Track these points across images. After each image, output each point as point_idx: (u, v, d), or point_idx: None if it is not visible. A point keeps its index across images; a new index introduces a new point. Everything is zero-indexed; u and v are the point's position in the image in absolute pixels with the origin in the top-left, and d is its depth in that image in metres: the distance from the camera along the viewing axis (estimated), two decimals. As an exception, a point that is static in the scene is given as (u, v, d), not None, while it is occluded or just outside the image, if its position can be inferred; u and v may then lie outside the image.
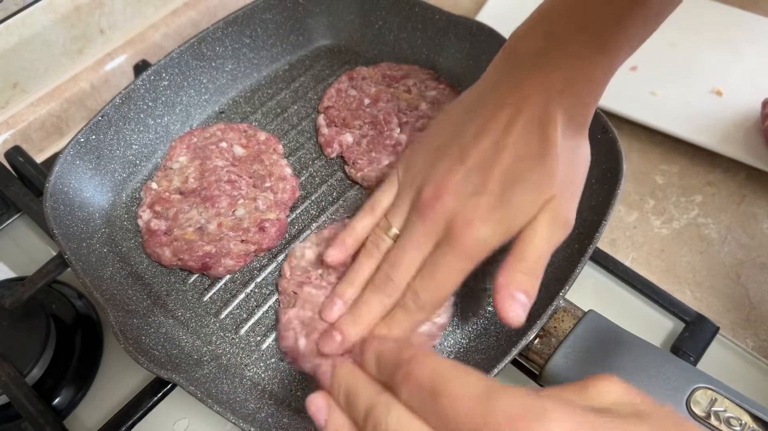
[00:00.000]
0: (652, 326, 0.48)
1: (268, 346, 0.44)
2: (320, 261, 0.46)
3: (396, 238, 0.41)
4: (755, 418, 0.38)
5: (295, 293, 0.44)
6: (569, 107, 0.38)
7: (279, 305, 0.45)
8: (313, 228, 0.50)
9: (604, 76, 0.39)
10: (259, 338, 0.45)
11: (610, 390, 0.26)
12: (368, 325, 0.40)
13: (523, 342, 0.39)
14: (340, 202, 0.51)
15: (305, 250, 0.46)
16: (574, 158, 0.39)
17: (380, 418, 0.27)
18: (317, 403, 0.30)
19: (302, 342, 0.42)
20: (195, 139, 0.53)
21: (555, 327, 0.43)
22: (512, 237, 0.38)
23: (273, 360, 0.44)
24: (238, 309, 0.46)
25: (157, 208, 0.49)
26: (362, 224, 0.44)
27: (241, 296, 0.46)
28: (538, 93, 0.38)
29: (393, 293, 0.40)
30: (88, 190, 0.49)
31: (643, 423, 0.24)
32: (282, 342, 0.43)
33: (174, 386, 0.44)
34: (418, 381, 0.26)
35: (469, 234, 0.38)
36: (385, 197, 0.44)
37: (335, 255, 0.43)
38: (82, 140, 0.48)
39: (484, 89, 0.42)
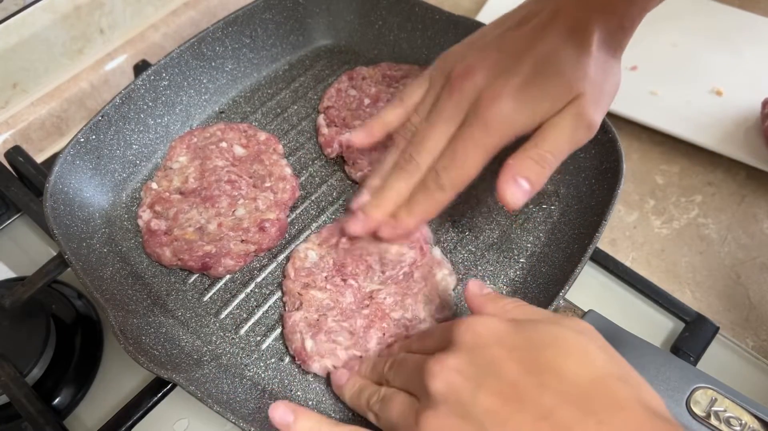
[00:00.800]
0: (652, 326, 0.48)
1: (268, 346, 0.44)
2: (324, 263, 0.46)
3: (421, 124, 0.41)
4: (755, 418, 0.38)
5: (300, 294, 0.44)
6: (606, 24, 0.38)
7: (284, 307, 0.45)
8: (313, 228, 0.50)
9: (642, 3, 0.39)
10: (259, 338, 0.45)
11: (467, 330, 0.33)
12: (391, 206, 0.41)
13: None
14: (340, 202, 0.51)
15: (308, 251, 0.46)
16: (606, 70, 0.39)
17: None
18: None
19: (309, 344, 0.42)
20: (195, 139, 0.53)
21: (555, 327, 0.43)
22: (536, 124, 0.38)
23: (273, 360, 0.44)
24: (238, 309, 0.46)
25: (157, 208, 0.49)
26: (392, 114, 0.44)
27: (241, 296, 0.46)
28: (578, 7, 0.39)
29: (415, 172, 0.40)
30: (88, 189, 0.49)
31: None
32: (289, 344, 0.43)
33: (174, 386, 0.44)
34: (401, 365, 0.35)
35: (494, 107, 0.38)
36: (416, 89, 0.43)
37: (361, 137, 0.44)
38: (82, 140, 0.48)
39: (524, 5, 0.42)
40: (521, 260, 0.47)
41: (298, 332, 0.43)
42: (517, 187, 0.37)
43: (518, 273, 0.47)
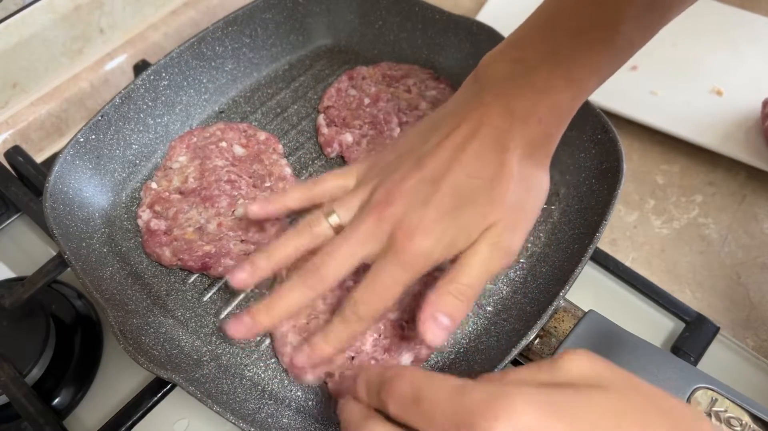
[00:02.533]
0: (652, 326, 0.48)
1: (268, 346, 0.44)
2: None
3: (335, 229, 0.40)
4: (755, 418, 0.38)
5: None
6: (530, 135, 0.38)
7: None
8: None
9: (569, 106, 0.39)
10: (259, 338, 0.45)
11: (576, 363, 0.28)
12: (281, 316, 0.39)
13: (524, 343, 0.39)
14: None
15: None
16: (528, 187, 0.39)
17: None
18: None
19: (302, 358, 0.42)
20: (195, 139, 0.53)
21: (555, 327, 0.43)
22: (452, 256, 0.38)
23: (273, 360, 0.43)
24: (238, 309, 0.46)
25: (157, 208, 0.49)
26: (294, 197, 0.43)
27: (241, 296, 0.46)
28: (501, 116, 0.38)
29: (317, 287, 0.39)
30: (88, 189, 0.49)
31: (602, 392, 0.26)
32: (280, 358, 0.43)
33: (174, 386, 0.44)
34: (400, 394, 0.29)
35: (410, 245, 0.37)
36: (332, 180, 0.43)
37: (255, 210, 0.43)
38: (82, 140, 0.48)
39: (452, 106, 0.42)
40: (521, 260, 0.47)
41: (288, 344, 0.42)
42: (438, 325, 0.37)
43: (518, 273, 0.47)
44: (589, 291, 0.49)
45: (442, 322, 0.37)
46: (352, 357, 0.42)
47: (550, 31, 0.39)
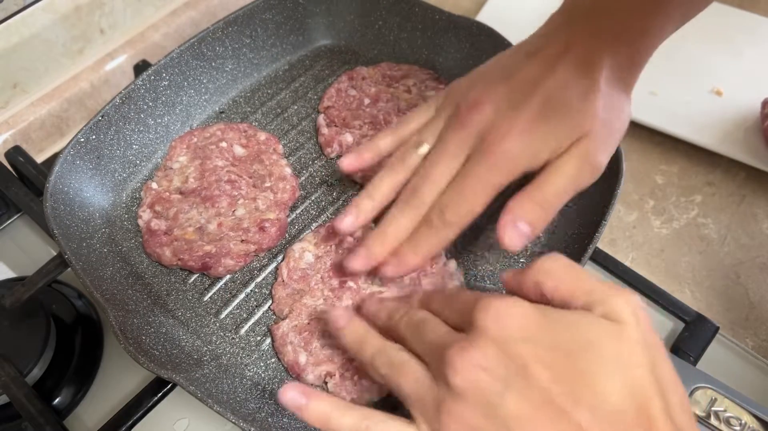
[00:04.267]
0: (652, 326, 0.48)
1: (268, 346, 0.44)
2: (320, 264, 0.46)
3: (426, 156, 0.40)
4: (755, 418, 0.38)
5: (289, 302, 0.44)
6: (617, 58, 0.38)
7: (272, 314, 0.45)
8: (313, 228, 0.50)
9: (655, 36, 0.39)
10: (259, 338, 0.45)
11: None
12: (394, 242, 0.40)
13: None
14: (340, 202, 0.51)
15: (304, 252, 0.46)
16: (616, 107, 0.39)
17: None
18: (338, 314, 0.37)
19: (303, 358, 0.42)
20: (195, 139, 0.53)
21: (555, 327, 0.43)
22: (542, 162, 0.38)
23: (273, 360, 0.44)
24: (238, 309, 0.46)
25: (157, 208, 0.49)
26: (386, 140, 0.43)
27: (241, 296, 0.46)
28: (589, 38, 0.38)
29: (420, 207, 0.39)
30: (88, 189, 0.49)
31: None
32: (281, 357, 0.43)
33: (174, 386, 0.44)
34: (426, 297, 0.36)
35: (500, 146, 0.37)
36: (416, 118, 0.43)
37: (350, 161, 0.43)
38: (82, 140, 0.48)
39: (537, 36, 0.41)
40: (521, 260, 0.47)
41: (288, 344, 0.42)
42: (517, 231, 0.37)
43: (518, 273, 0.47)
44: (589, 291, 0.49)
45: (521, 229, 0.37)
46: (353, 359, 0.42)
47: None
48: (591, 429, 0.26)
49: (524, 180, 0.38)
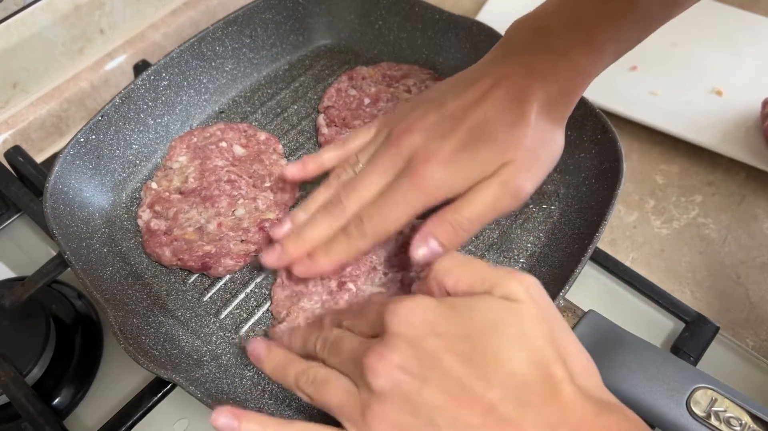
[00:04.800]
0: (652, 326, 0.48)
1: (268, 346, 0.44)
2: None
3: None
4: (755, 418, 0.38)
5: (287, 305, 0.44)
6: (549, 92, 0.40)
7: (271, 315, 0.45)
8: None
9: (587, 71, 0.41)
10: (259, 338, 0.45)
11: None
12: (309, 245, 0.42)
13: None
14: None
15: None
16: (545, 139, 0.41)
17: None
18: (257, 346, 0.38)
19: None
20: (195, 139, 0.53)
21: (555, 327, 0.43)
22: (464, 188, 0.40)
23: (273, 360, 0.44)
24: (238, 309, 0.46)
25: (157, 208, 0.49)
26: (329, 155, 0.46)
27: (241, 296, 0.46)
28: (522, 73, 0.40)
29: (340, 216, 0.42)
30: (88, 189, 0.49)
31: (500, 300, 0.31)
32: None
33: (174, 386, 0.44)
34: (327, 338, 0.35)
35: (425, 169, 0.39)
36: (360, 137, 0.45)
37: (293, 171, 0.46)
38: (82, 140, 0.48)
39: (475, 67, 0.44)
40: (521, 260, 0.47)
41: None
42: (427, 247, 0.39)
43: (518, 273, 0.47)
44: (589, 291, 0.49)
45: (433, 246, 0.39)
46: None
47: (573, 0, 0.41)
48: (504, 404, 0.28)
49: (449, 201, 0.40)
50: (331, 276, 0.44)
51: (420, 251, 0.39)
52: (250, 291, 0.47)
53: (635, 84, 0.63)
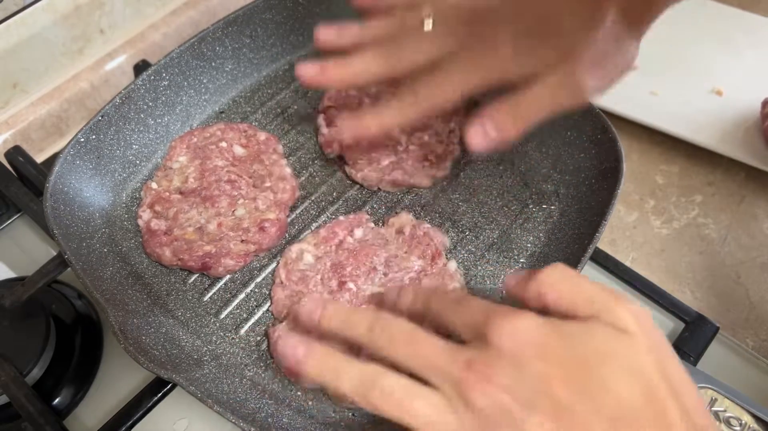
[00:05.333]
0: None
1: (267, 346, 0.44)
2: (321, 265, 0.46)
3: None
4: (755, 418, 0.38)
5: (287, 305, 0.44)
6: (626, 3, 0.38)
7: (271, 315, 0.45)
8: (313, 228, 0.50)
9: None
10: (259, 338, 0.45)
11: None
12: (350, 73, 0.42)
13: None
14: (340, 202, 0.51)
15: (304, 252, 0.46)
16: (617, 46, 0.39)
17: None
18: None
19: None
20: (195, 139, 0.53)
21: (555, 327, 0.43)
22: (525, 75, 0.38)
23: (273, 360, 0.43)
24: (238, 309, 0.46)
25: (157, 208, 0.49)
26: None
27: (241, 296, 0.46)
28: None
29: (394, 64, 0.40)
30: (88, 189, 0.49)
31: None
32: (278, 362, 0.43)
33: (174, 386, 0.44)
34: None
35: (488, 45, 0.38)
36: None
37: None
38: (82, 140, 0.48)
39: None
40: (521, 260, 0.47)
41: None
42: (483, 134, 0.38)
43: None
44: (589, 291, 0.49)
45: (489, 132, 0.38)
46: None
47: None
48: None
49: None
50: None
51: (475, 137, 0.38)
52: (250, 291, 0.47)
53: (635, 84, 0.62)
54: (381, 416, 0.29)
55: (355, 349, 0.35)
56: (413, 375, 0.30)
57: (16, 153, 0.56)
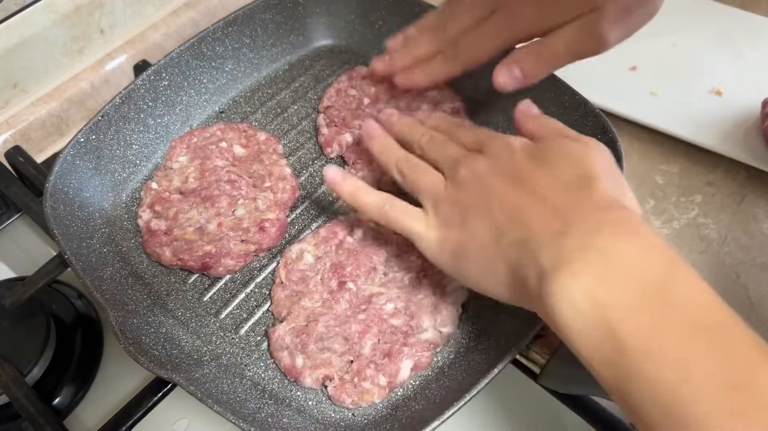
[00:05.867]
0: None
1: (268, 346, 0.44)
2: (321, 265, 0.46)
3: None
4: (755, 418, 0.38)
5: (288, 304, 0.44)
6: None
7: (271, 315, 0.45)
8: (313, 228, 0.50)
9: None
10: (259, 338, 0.45)
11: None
12: (411, 58, 0.50)
13: (523, 342, 0.39)
14: (340, 202, 0.51)
15: (304, 252, 0.46)
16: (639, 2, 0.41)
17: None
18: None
19: (299, 361, 0.42)
20: (195, 139, 0.53)
21: (555, 327, 0.43)
22: (552, 27, 0.43)
23: (273, 360, 0.44)
24: (238, 309, 0.46)
25: (157, 208, 0.49)
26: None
27: (241, 296, 0.46)
28: None
29: (442, 39, 0.48)
30: (88, 189, 0.49)
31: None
32: (277, 363, 0.43)
33: (174, 386, 0.44)
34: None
35: (518, 7, 0.44)
36: None
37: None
38: (82, 140, 0.48)
39: None
40: (521, 260, 0.47)
41: (285, 349, 0.42)
42: (511, 74, 0.44)
43: (518, 273, 0.47)
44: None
45: (515, 73, 0.44)
46: (351, 361, 0.42)
47: None
48: (546, 190, 0.35)
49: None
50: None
51: (502, 77, 0.44)
52: (250, 291, 0.47)
53: (635, 84, 0.63)
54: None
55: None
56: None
57: (16, 153, 0.56)
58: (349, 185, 0.43)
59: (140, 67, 0.62)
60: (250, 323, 0.45)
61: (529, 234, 0.33)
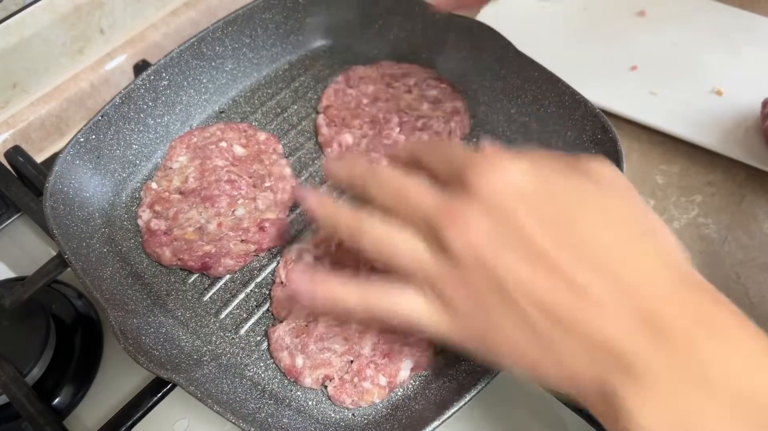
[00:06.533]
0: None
1: (268, 346, 0.44)
2: (321, 265, 0.46)
3: None
4: (755, 418, 0.37)
5: (288, 304, 0.44)
6: None
7: (271, 315, 0.45)
8: (313, 228, 0.50)
9: None
10: (259, 338, 0.45)
11: (597, 166, 0.32)
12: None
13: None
14: (340, 202, 0.51)
15: (304, 252, 0.46)
16: None
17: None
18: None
19: (300, 361, 0.42)
20: (195, 139, 0.53)
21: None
22: None
23: (273, 360, 0.44)
24: (238, 309, 0.46)
25: (157, 208, 0.49)
26: None
27: (241, 296, 0.46)
28: None
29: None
30: (88, 189, 0.49)
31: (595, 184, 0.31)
32: (278, 363, 0.43)
33: (174, 386, 0.44)
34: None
35: None
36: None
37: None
38: (82, 140, 0.48)
39: None
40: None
41: (285, 349, 0.42)
42: None
43: (518, 273, 0.47)
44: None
45: None
46: (351, 361, 0.42)
47: None
48: (580, 278, 0.27)
49: None
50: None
51: None
52: (250, 291, 0.47)
53: (635, 84, 0.63)
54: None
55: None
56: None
57: (16, 153, 0.56)
58: (321, 290, 0.33)
59: (140, 67, 0.62)
60: (250, 323, 0.45)
61: (588, 344, 0.27)
